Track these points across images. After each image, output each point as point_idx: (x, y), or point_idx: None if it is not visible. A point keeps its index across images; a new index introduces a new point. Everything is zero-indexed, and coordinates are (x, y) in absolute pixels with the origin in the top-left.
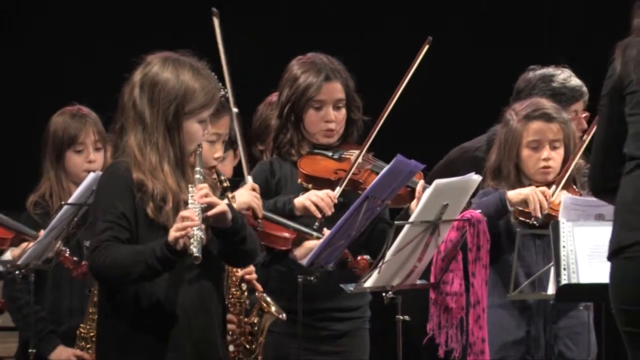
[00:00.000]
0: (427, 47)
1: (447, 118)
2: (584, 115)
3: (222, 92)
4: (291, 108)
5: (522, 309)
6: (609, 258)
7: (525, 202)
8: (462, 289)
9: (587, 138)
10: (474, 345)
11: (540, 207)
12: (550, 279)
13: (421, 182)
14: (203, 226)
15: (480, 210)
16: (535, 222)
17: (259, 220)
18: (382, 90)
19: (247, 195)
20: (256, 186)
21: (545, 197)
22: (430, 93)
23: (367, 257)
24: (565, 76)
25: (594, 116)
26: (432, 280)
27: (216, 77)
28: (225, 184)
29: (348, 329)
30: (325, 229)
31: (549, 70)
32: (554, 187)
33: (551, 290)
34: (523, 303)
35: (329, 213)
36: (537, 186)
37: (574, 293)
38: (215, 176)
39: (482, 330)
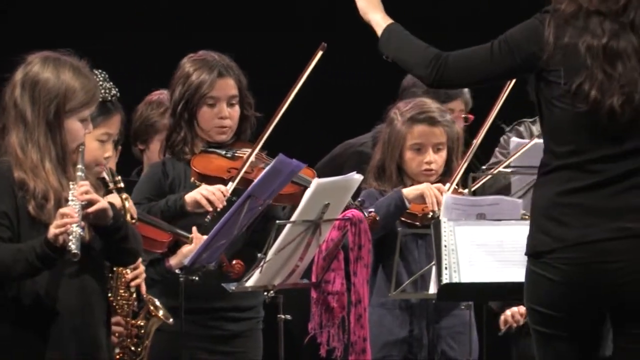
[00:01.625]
0: (321, 52)
1: (338, 116)
2: (464, 116)
3: (114, 92)
4: (184, 106)
5: (404, 309)
6: (528, 256)
7: (421, 197)
8: (344, 288)
9: (477, 142)
10: (355, 345)
11: (437, 202)
12: (432, 278)
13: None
14: (83, 223)
15: (378, 211)
16: (432, 217)
17: (134, 222)
18: (275, 89)
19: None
20: None
21: (440, 192)
22: (321, 92)
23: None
24: None
25: (479, 119)
26: (313, 279)
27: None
28: (119, 185)
29: (243, 329)
30: (195, 232)
31: None
32: (448, 184)
33: (433, 289)
34: (406, 302)
35: (221, 207)
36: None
37: (455, 292)
38: (105, 175)
39: (364, 329)
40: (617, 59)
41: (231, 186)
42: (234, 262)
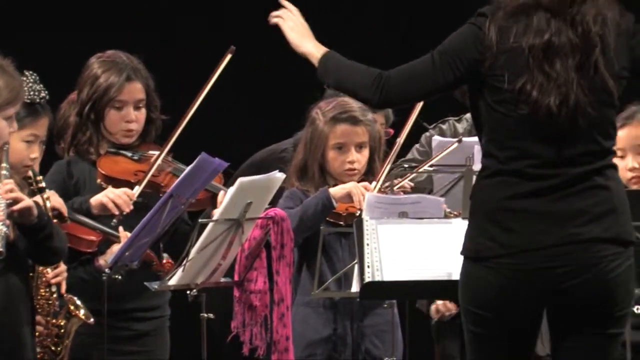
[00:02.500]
0: (229, 55)
1: (247, 121)
2: (384, 130)
3: (43, 95)
4: (91, 107)
5: (328, 307)
6: (467, 258)
7: (348, 196)
8: (266, 286)
9: (400, 141)
10: (278, 343)
11: (364, 199)
12: (355, 277)
13: (222, 191)
14: (8, 222)
15: (305, 211)
16: (359, 216)
17: (67, 222)
18: (184, 91)
19: (52, 199)
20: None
21: (367, 191)
22: (231, 96)
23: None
24: None
25: (402, 118)
26: (236, 278)
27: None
28: (41, 185)
29: (150, 328)
30: (121, 229)
31: None
32: (374, 182)
33: (355, 288)
34: (330, 301)
35: (127, 210)
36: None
37: (377, 291)
38: (30, 175)
39: (286, 328)
40: (556, 57)
41: (138, 190)
42: (164, 260)
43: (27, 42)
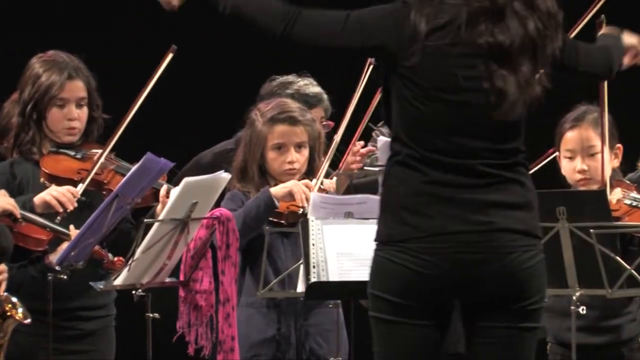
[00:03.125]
0: (171, 55)
1: (190, 121)
2: (324, 123)
3: None
4: (34, 106)
5: (272, 307)
6: (378, 243)
7: (290, 195)
8: (212, 286)
9: (338, 139)
10: (223, 343)
11: (306, 198)
12: (300, 277)
13: (165, 186)
14: None
15: (248, 213)
16: (302, 214)
17: (20, 222)
18: (126, 91)
19: (2, 200)
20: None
21: (308, 188)
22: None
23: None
24: (303, 83)
25: (338, 114)
26: (181, 278)
27: None
28: None
29: (96, 327)
30: (72, 227)
31: (289, 77)
32: (315, 180)
33: (300, 288)
34: (274, 301)
35: (71, 208)
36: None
37: (323, 291)
38: None
39: (232, 328)
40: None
41: (81, 187)
42: (115, 259)
43: None
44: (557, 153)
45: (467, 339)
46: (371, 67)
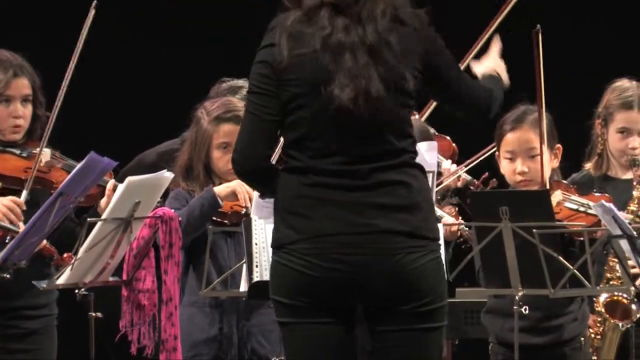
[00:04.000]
0: (93, 11)
1: (135, 120)
2: None
3: None
4: None
5: (214, 307)
6: (273, 249)
7: (233, 194)
8: (155, 286)
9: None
10: (166, 343)
11: (249, 198)
12: (243, 276)
13: (112, 181)
14: None
15: (192, 212)
16: (246, 213)
17: None
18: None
19: None
20: None
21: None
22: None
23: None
24: None
25: None
26: (124, 277)
27: None
28: None
29: (39, 326)
30: (21, 224)
31: (239, 82)
32: None
33: (243, 287)
34: (216, 300)
35: (20, 222)
36: None
37: (266, 290)
38: None
39: (175, 327)
40: (347, 55)
41: (25, 194)
42: (64, 255)
43: None
44: (497, 152)
45: (372, 347)
46: None
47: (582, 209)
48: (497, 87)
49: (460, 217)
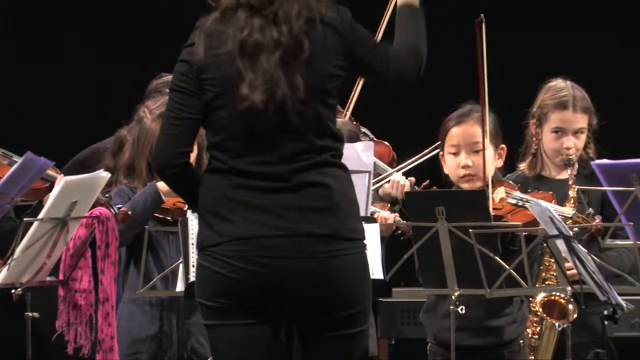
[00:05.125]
0: None
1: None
2: None
3: None
4: None
5: (154, 305)
6: (197, 252)
7: None
8: (91, 285)
9: None
10: (103, 342)
11: None
12: (180, 275)
13: (61, 177)
14: None
15: (135, 207)
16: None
17: None
18: None
19: None
20: None
21: None
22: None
23: None
24: None
25: None
26: (61, 277)
27: None
28: None
29: None
30: None
31: None
32: None
33: (180, 287)
34: (156, 299)
35: None
36: None
37: None
38: None
39: (111, 327)
40: (261, 55)
41: None
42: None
43: None
44: (440, 152)
45: (300, 347)
46: None
47: (520, 203)
48: (419, 31)
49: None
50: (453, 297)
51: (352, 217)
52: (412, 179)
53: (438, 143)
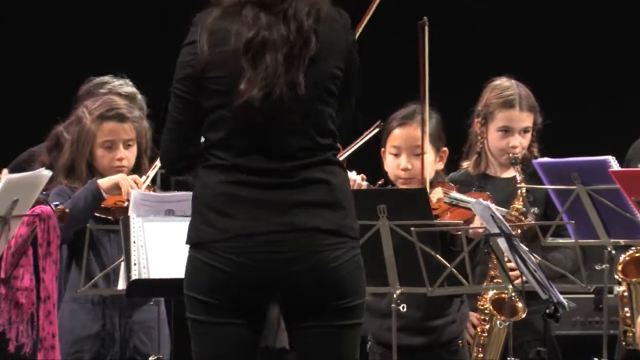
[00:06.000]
0: None
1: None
2: None
3: None
4: None
5: (97, 303)
6: (189, 246)
7: (117, 187)
8: (33, 284)
9: None
10: (44, 341)
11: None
12: (121, 274)
13: (5, 171)
14: None
15: (75, 204)
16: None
17: None
18: None
19: None
20: None
21: (136, 183)
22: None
23: None
24: (117, 83)
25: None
26: (2, 275)
27: None
28: None
29: None
30: None
31: (105, 78)
32: (144, 176)
33: (122, 285)
34: (98, 297)
35: None
36: None
37: (144, 288)
38: None
39: (53, 325)
40: (267, 52)
41: None
42: None
43: None
44: (382, 149)
45: (292, 342)
46: None
47: (455, 202)
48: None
49: None
50: (395, 295)
51: (351, 216)
52: (364, 176)
53: (379, 123)
